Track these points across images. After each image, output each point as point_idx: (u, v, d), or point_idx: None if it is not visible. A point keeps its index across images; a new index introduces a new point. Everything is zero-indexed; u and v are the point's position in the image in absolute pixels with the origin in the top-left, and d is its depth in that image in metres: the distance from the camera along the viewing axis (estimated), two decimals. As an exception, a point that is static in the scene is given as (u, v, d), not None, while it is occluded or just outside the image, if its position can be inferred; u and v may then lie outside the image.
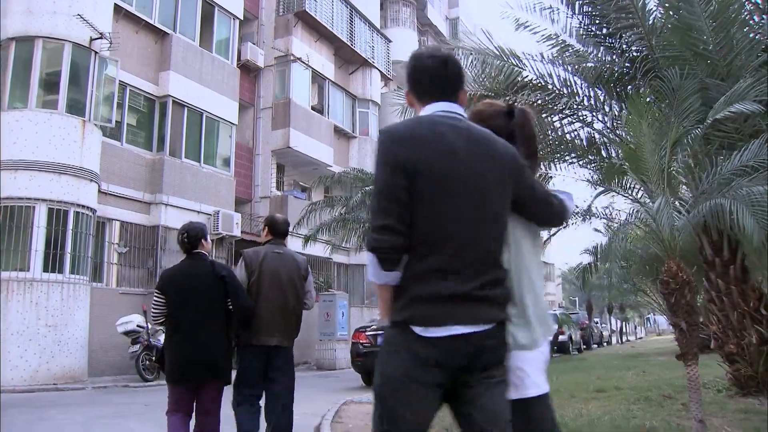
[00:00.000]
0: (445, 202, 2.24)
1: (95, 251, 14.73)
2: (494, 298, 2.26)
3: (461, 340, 2.19)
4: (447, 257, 2.22)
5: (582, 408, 7.80)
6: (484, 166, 2.29)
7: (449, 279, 2.21)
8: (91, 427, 7.87)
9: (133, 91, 16.65)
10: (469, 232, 2.25)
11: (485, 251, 2.28)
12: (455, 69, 2.45)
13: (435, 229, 2.24)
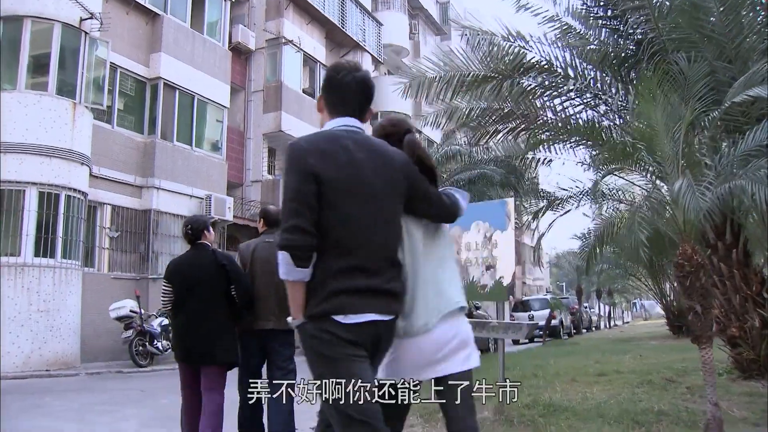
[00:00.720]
0: (353, 207, 2.56)
1: (87, 236, 14.55)
2: (396, 292, 2.66)
3: (372, 326, 2.54)
4: (359, 256, 2.56)
5: (586, 391, 7.79)
6: (382, 175, 2.63)
7: (361, 275, 2.55)
8: (88, 414, 7.75)
9: (123, 73, 16.38)
10: (375, 233, 2.60)
11: (389, 250, 2.66)
12: (369, 89, 2.77)
13: (346, 232, 2.56)
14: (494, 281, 6.34)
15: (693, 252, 5.28)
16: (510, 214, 6.18)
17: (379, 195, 2.61)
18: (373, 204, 2.60)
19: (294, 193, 2.53)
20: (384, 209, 2.63)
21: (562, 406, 6.65)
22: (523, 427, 5.87)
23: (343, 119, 2.70)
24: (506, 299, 6.51)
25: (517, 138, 9.21)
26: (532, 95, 8.41)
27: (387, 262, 2.65)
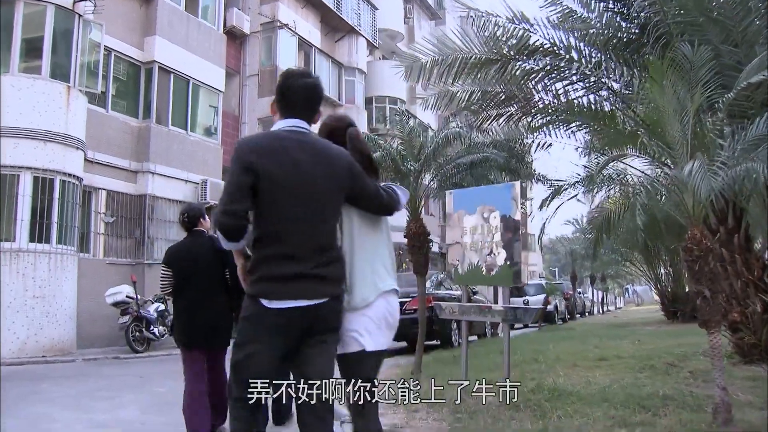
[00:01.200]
0: (288, 203, 2.85)
1: (82, 221, 14.42)
2: (327, 276, 2.90)
3: (298, 311, 2.82)
4: (288, 246, 2.86)
5: (588, 376, 7.78)
6: (323, 174, 2.92)
7: (290, 262, 2.83)
8: (86, 400, 7.69)
9: (117, 57, 16.18)
10: (306, 226, 2.87)
11: (319, 241, 2.91)
12: (317, 94, 3.11)
13: (279, 223, 2.86)
14: (500, 265, 6.29)
15: (702, 236, 5.24)
16: (517, 197, 6.12)
17: (316, 191, 2.89)
18: (308, 199, 2.88)
19: (231, 184, 2.84)
20: (320, 203, 2.91)
21: (567, 390, 6.62)
22: (530, 411, 5.83)
23: (290, 120, 3.00)
24: (512, 284, 6.47)
25: (519, 122, 9.13)
26: (536, 78, 8.34)
27: (318, 250, 2.90)
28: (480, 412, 5.96)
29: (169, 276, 5.43)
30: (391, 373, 9.48)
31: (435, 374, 8.62)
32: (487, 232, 6.40)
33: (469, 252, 6.55)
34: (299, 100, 3.03)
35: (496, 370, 8.66)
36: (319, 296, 2.85)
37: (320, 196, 2.91)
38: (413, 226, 8.88)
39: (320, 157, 2.95)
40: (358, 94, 26.61)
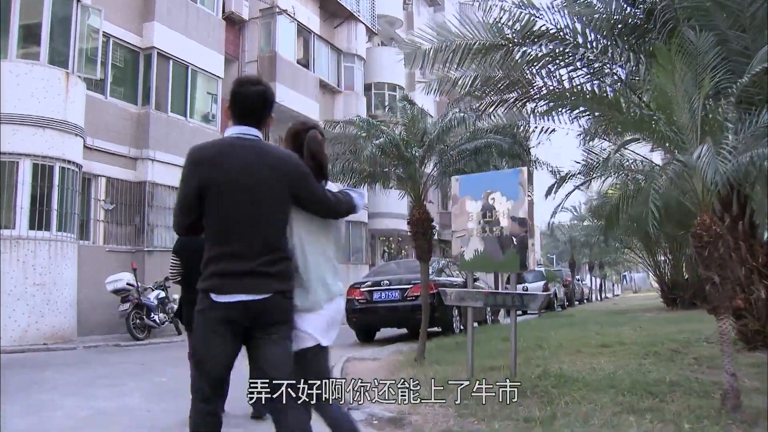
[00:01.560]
0: (234, 205, 3.03)
1: (81, 208, 14.35)
2: (272, 273, 3.04)
3: (242, 305, 2.99)
4: (235, 245, 3.04)
5: (593, 362, 7.76)
6: (268, 177, 3.07)
7: (237, 260, 3.02)
8: (89, 388, 7.66)
9: (116, 43, 16.07)
10: (252, 227, 3.05)
11: (264, 239, 3.06)
12: (267, 101, 3.23)
13: (226, 224, 3.05)
14: (507, 252, 6.26)
15: (711, 222, 5.21)
16: (524, 183, 6.08)
17: (261, 193, 3.06)
18: (254, 201, 3.04)
19: (179, 195, 3.14)
20: (265, 205, 3.07)
21: (573, 377, 6.61)
22: (537, 398, 5.82)
23: (240, 128, 3.14)
24: (519, 270, 6.44)
25: (524, 107, 9.08)
26: (539, 64, 8.28)
27: (264, 248, 3.06)
28: (487, 398, 5.95)
29: (178, 264, 5.71)
30: (394, 360, 9.49)
31: (438, 361, 8.64)
32: (493, 217, 6.36)
33: (476, 238, 6.52)
34: (249, 106, 3.18)
35: (499, 356, 8.67)
36: (263, 291, 3.03)
37: (265, 198, 3.08)
38: (417, 212, 8.84)
39: (266, 161, 3.11)
40: (357, 81, 26.51)
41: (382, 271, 14.93)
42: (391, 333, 14.78)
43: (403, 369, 8.16)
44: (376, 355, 10.23)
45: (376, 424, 5.47)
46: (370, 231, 27.32)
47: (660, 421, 4.84)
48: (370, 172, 9.10)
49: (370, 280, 13.56)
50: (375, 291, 12.94)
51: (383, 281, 13.19)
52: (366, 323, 13.45)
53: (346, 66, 26.22)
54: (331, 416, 3.30)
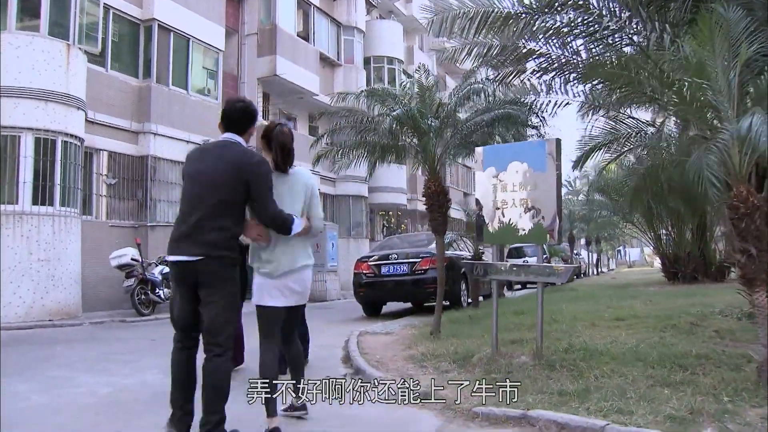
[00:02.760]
0: (192, 189, 4.04)
1: (84, 183, 14.15)
2: (204, 241, 3.89)
3: (182, 264, 3.94)
4: (185, 218, 3.99)
5: (612, 335, 7.70)
6: (224, 170, 3.97)
7: (180, 229, 3.98)
8: (106, 364, 7.56)
9: (116, 14, 15.78)
10: (200, 205, 3.95)
11: (208, 215, 3.92)
12: (248, 114, 4.24)
13: (184, 204, 4.09)
14: (533, 224, 6.14)
15: (749, 194, 5.11)
16: (552, 153, 5.94)
17: (216, 180, 3.95)
18: (207, 186, 3.96)
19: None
20: (217, 189, 3.94)
21: (598, 350, 6.54)
22: (566, 371, 5.74)
23: (226, 134, 4.16)
24: (546, 242, 6.33)
25: (542, 77, 8.94)
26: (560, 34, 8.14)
27: (204, 221, 3.91)
28: (515, 372, 5.88)
29: None
30: (408, 334, 9.40)
31: (455, 334, 8.57)
32: (519, 189, 6.24)
33: (501, 210, 6.40)
34: (232, 118, 4.18)
35: (515, 330, 8.61)
36: (193, 254, 3.87)
37: (220, 183, 3.94)
38: (432, 185, 8.70)
39: (230, 157, 4.01)
40: (357, 54, 26.25)
41: (387, 245, 14.82)
42: (396, 307, 14.73)
43: (421, 343, 8.08)
44: (388, 329, 10.15)
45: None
46: (369, 205, 27.18)
47: (698, 394, 4.76)
48: (384, 144, 8.95)
49: (377, 254, 13.45)
50: (383, 265, 12.83)
51: (391, 255, 13.09)
52: (373, 297, 13.37)
53: (346, 39, 25.94)
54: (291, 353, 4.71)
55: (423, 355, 7.11)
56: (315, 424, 4.78)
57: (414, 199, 30.75)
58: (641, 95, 8.53)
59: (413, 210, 31.32)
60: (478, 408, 4.76)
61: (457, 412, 4.84)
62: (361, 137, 8.94)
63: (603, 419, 4.25)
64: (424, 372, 6.41)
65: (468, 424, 4.63)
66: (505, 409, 4.65)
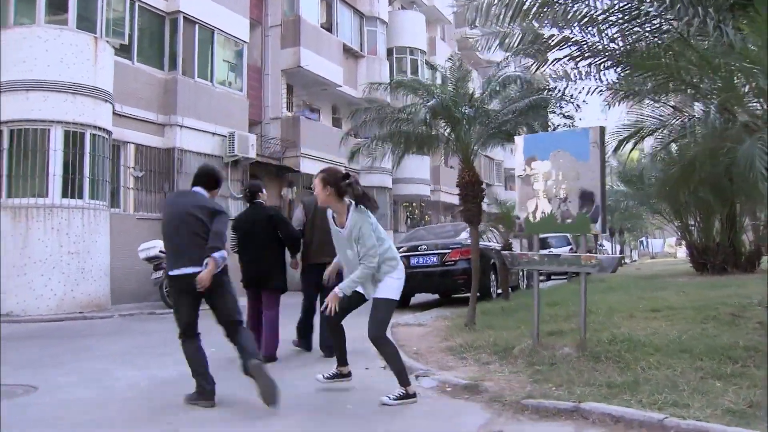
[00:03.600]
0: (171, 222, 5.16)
1: (112, 176, 14.18)
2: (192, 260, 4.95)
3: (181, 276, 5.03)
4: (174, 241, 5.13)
5: (653, 327, 7.58)
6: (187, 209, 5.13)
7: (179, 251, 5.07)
8: (143, 356, 7.55)
9: (142, 7, 15.77)
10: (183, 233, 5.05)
11: (194, 239, 5.00)
12: (214, 177, 5.46)
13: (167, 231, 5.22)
14: (576, 213, 6.03)
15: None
16: (596, 142, 5.82)
17: (185, 217, 5.09)
18: (182, 221, 5.09)
19: None
20: (189, 224, 5.05)
21: (641, 341, 6.42)
22: (612, 363, 5.64)
23: (195, 188, 5.36)
24: (590, 231, 6.21)
25: (578, 64, 8.77)
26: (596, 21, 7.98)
27: (188, 246, 5.01)
28: (559, 363, 5.78)
29: (234, 237, 7.25)
30: (442, 326, 9.32)
31: (490, 326, 8.48)
32: (562, 178, 6.12)
33: (542, 200, 6.29)
34: (200, 178, 5.40)
35: (551, 321, 8.51)
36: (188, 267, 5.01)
37: (188, 219, 5.07)
38: (466, 174, 8.60)
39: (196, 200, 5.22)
40: (380, 45, 26.11)
41: (414, 237, 14.71)
42: (423, 299, 14.64)
43: (457, 334, 8.00)
44: (420, 320, 10.06)
45: (449, 390, 5.30)
46: (392, 197, 27.06)
47: (754, 387, 4.64)
48: (418, 134, 8.85)
49: (405, 245, 13.35)
50: (412, 256, 12.72)
51: (421, 246, 12.99)
52: (403, 289, 13.23)
53: (369, 30, 25.80)
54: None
55: (461, 347, 7.03)
56: (359, 416, 4.72)
57: (437, 190, 30.61)
58: (680, 83, 8.38)
59: (436, 201, 31.18)
60: (527, 400, 4.67)
61: (505, 404, 4.74)
62: (395, 127, 8.84)
63: (659, 412, 4.15)
64: (464, 364, 6.33)
65: (517, 417, 4.54)
66: (555, 401, 4.56)
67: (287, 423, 4.60)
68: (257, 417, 4.70)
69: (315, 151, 21.31)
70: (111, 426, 4.63)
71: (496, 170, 40.36)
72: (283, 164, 20.52)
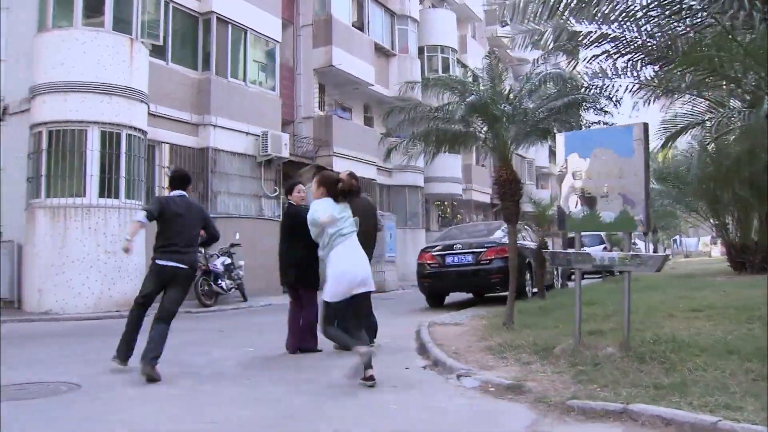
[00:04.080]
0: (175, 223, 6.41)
1: (147, 176, 14.31)
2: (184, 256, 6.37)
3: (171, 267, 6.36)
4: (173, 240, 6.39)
5: (696, 327, 7.44)
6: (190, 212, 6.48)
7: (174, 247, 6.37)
8: (183, 355, 7.56)
9: (176, 8, 15.92)
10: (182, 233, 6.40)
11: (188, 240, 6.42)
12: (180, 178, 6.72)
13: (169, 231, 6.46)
14: (620, 211, 5.93)
15: None
16: (641, 138, 5.72)
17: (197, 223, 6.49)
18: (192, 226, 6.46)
19: None
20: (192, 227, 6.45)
21: (685, 341, 6.29)
22: (657, 364, 5.52)
23: (175, 191, 6.55)
24: (635, 229, 6.11)
25: (616, 61, 8.68)
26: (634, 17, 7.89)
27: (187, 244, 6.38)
28: (602, 363, 5.69)
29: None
30: (478, 325, 9.24)
31: (528, 325, 8.38)
32: (604, 176, 6.03)
33: (585, 197, 6.20)
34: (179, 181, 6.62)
35: (590, 320, 8.37)
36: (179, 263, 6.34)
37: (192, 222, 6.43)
38: (504, 173, 8.50)
39: (191, 207, 6.52)
40: (411, 43, 26.05)
41: (448, 236, 14.65)
42: (457, 298, 14.58)
43: (495, 334, 7.91)
44: (456, 320, 10.00)
45: (492, 391, 5.22)
46: (424, 196, 26.98)
47: (808, 390, 4.51)
48: (456, 132, 8.79)
49: (440, 244, 13.29)
50: (447, 255, 12.66)
51: (456, 245, 12.91)
52: (438, 288, 13.22)
53: (400, 28, 25.76)
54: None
55: (501, 346, 6.95)
56: (401, 416, 4.68)
57: (469, 189, 30.48)
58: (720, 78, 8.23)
59: (468, 200, 31.05)
60: (573, 401, 4.58)
61: (551, 405, 4.66)
62: (432, 125, 8.79)
63: (711, 415, 4.04)
64: (505, 363, 6.25)
65: (563, 418, 4.46)
66: (602, 402, 4.47)
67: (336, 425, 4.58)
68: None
69: (347, 150, 21.34)
70: (155, 424, 4.64)
71: (527, 169, 40.10)
72: (315, 163, 20.56)
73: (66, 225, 12.31)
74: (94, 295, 12.28)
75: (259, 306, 14.28)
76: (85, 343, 8.82)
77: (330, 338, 6.02)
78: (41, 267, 12.21)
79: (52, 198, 12.53)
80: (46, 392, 5.51)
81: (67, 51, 12.61)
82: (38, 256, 12.32)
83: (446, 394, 5.27)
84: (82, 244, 12.35)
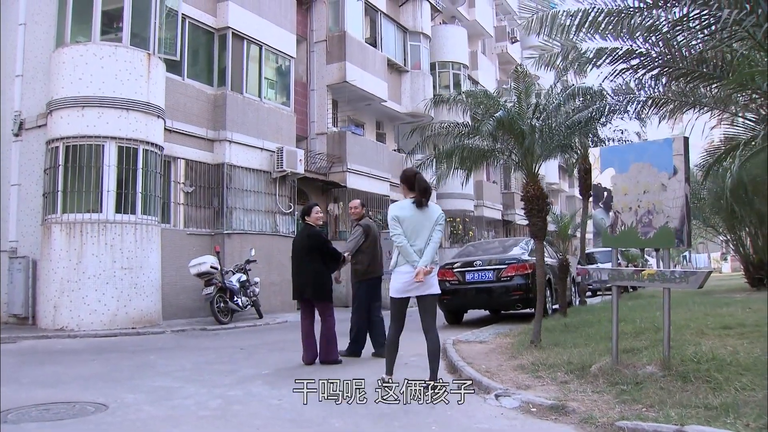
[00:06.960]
0: None
1: (163, 191, 14.22)
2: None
3: None
4: None
5: (732, 345, 7.27)
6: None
7: None
8: (205, 374, 7.41)
9: (192, 24, 15.90)
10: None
11: None
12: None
13: None
14: (659, 227, 5.79)
15: None
16: (681, 152, 5.59)
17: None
18: None
19: None
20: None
21: (726, 360, 6.13)
22: (702, 383, 5.36)
23: None
24: (673, 245, 5.96)
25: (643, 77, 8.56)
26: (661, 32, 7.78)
27: None
28: (644, 383, 5.53)
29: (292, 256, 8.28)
30: (504, 343, 9.10)
31: (557, 343, 8.23)
32: (643, 191, 5.89)
33: (622, 214, 6.06)
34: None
35: (620, 337, 8.12)
36: None
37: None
38: (531, 188, 8.40)
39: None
40: (423, 59, 26.03)
41: (464, 253, 14.51)
42: (475, 315, 14.40)
43: (526, 352, 7.76)
44: (479, 337, 9.85)
45: (534, 411, 5.08)
46: (436, 212, 26.84)
47: None
48: (483, 149, 8.69)
49: (460, 261, 13.15)
50: (467, 272, 12.51)
51: (476, 262, 12.76)
52: (458, 304, 13.06)
53: (412, 45, 25.76)
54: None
55: (533, 365, 6.81)
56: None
57: (480, 205, 30.34)
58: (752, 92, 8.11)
59: (479, 216, 30.90)
60: (622, 422, 4.43)
61: (598, 426, 4.52)
62: (458, 142, 8.69)
63: (771, 437, 3.90)
64: (541, 383, 6.10)
65: (614, 440, 4.31)
66: (654, 423, 4.32)
67: None
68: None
69: (361, 165, 21.26)
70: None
71: (545, 184, 39.95)
72: (329, 179, 20.45)
73: (82, 241, 12.20)
74: (110, 311, 12.15)
75: (276, 323, 14.14)
76: (104, 360, 8.68)
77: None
78: (56, 283, 12.10)
79: (68, 213, 12.42)
80: (73, 413, 5.36)
81: (85, 66, 12.56)
82: (53, 271, 12.20)
83: (486, 415, 5.12)
84: (98, 260, 12.23)
